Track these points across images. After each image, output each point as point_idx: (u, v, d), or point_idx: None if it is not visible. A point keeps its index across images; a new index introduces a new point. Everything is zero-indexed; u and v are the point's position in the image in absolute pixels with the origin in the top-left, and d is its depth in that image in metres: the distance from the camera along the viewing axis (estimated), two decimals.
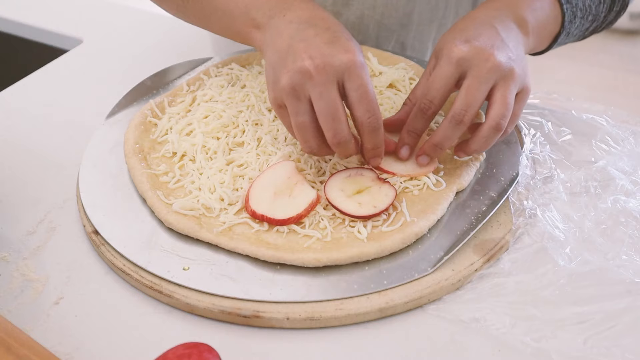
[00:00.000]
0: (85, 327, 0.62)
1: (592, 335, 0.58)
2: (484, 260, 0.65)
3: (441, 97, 0.69)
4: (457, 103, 0.67)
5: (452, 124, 0.68)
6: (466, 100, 0.67)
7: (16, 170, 0.81)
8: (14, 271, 0.67)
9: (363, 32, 1.00)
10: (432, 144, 0.70)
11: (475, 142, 0.70)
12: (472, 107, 0.67)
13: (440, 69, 0.69)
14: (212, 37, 1.10)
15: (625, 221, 0.69)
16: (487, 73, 0.66)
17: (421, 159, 0.72)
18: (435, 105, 0.69)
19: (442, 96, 0.69)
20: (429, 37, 1.02)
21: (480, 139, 0.69)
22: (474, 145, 0.70)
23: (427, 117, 0.70)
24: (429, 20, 1.00)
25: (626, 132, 0.80)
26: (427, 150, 0.71)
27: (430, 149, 0.71)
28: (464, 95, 0.67)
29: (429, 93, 0.69)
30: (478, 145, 0.70)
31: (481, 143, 0.69)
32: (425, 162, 0.72)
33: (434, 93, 0.69)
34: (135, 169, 0.74)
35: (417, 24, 0.99)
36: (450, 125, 0.68)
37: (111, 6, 1.21)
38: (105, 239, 0.68)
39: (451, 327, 0.61)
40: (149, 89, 0.90)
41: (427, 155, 0.71)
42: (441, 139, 0.69)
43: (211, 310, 0.61)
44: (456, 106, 0.67)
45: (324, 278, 0.63)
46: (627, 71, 2.85)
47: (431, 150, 0.71)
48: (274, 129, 0.79)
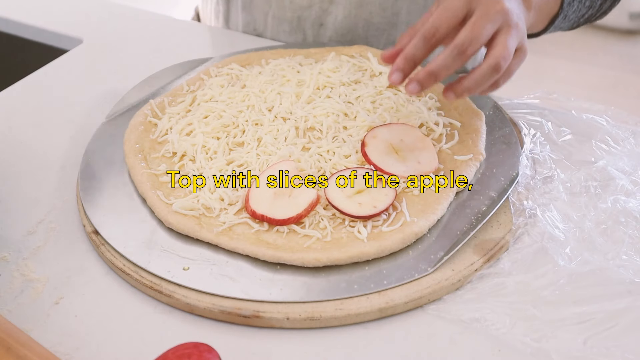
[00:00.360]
0: (85, 327, 0.62)
1: (592, 335, 0.58)
2: (484, 260, 0.65)
3: (446, 28, 0.68)
4: (461, 34, 0.67)
5: (454, 54, 0.67)
6: (471, 33, 0.66)
7: (16, 170, 0.81)
8: (14, 271, 0.67)
9: (352, 31, 1.00)
10: (427, 71, 0.68)
11: (469, 80, 0.68)
12: (476, 40, 0.66)
13: (450, 2, 0.68)
14: (212, 37, 1.10)
15: (625, 221, 0.69)
16: (494, 14, 0.67)
17: (412, 86, 0.69)
18: (439, 33, 0.68)
19: (448, 27, 0.68)
20: None
21: (476, 76, 0.68)
22: (468, 82, 0.68)
23: (429, 45, 0.69)
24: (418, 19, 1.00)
25: (626, 132, 0.80)
26: (421, 78, 0.69)
27: (425, 77, 0.68)
28: (470, 29, 0.66)
29: (434, 21, 0.68)
30: (471, 83, 0.68)
31: (475, 81, 0.68)
32: (416, 91, 0.69)
33: (440, 21, 0.68)
34: (135, 169, 0.74)
35: (406, 23, 1.00)
36: (451, 54, 0.67)
37: (111, 6, 1.21)
38: (105, 239, 0.68)
39: (451, 327, 0.61)
40: (148, 89, 0.90)
41: (420, 83, 0.69)
42: (439, 67, 0.68)
43: (211, 310, 0.61)
44: (460, 37, 0.66)
45: (324, 278, 0.63)
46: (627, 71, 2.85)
47: (425, 78, 0.68)
48: (274, 129, 0.79)
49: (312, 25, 1.01)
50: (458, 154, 0.75)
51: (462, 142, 0.77)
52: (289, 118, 0.81)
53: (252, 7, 1.05)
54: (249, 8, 1.05)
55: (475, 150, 0.75)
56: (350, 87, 0.86)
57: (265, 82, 0.87)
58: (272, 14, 1.03)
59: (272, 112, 0.82)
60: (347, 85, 0.86)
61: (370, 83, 0.87)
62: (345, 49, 0.94)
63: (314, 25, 1.01)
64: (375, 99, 0.83)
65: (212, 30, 1.12)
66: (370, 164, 0.72)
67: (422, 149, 0.75)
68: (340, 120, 0.80)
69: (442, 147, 0.77)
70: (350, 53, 0.93)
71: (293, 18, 1.02)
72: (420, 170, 0.72)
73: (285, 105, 0.83)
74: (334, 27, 1.00)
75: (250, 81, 0.88)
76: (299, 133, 0.79)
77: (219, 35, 1.09)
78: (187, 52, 1.05)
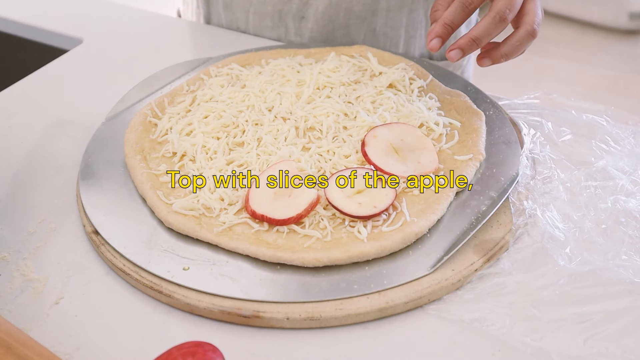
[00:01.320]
0: (85, 327, 0.62)
1: (592, 335, 0.58)
2: (484, 260, 0.65)
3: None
4: (500, 2, 0.70)
5: (495, 20, 0.70)
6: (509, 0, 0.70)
7: (16, 170, 0.81)
8: (14, 271, 0.67)
9: (333, 20, 1.01)
10: (470, 38, 0.72)
11: (508, 45, 0.73)
12: (514, 6, 0.70)
13: None
14: (212, 37, 1.10)
15: (625, 221, 0.69)
16: None
17: (453, 53, 0.73)
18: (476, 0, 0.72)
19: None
20: (401, 24, 1.03)
21: (514, 42, 0.72)
22: (506, 47, 0.73)
23: (467, 11, 0.73)
24: (399, 7, 1.01)
25: (626, 132, 0.80)
26: (462, 45, 0.73)
27: (467, 43, 0.72)
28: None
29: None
30: (510, 49, 0.73)
31: (514, 47, 0.73)
32: (457, 57, 0.73)
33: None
34: (135, 169, 0.74)
35: (386, 10, 1.00)
36: (493, 21, 0.70)
37: (111, 6, 1.21)
38: (105, 239, 0.68)
39: (451, 327, 0.61)
40: (149, 89, 0.90)
41: (462, 49, 0.73)
42: (481, 34, 0.71)
43: (211, 310, 0.61)
44: (500, 4, 0.70)
45: (324, 278, 0.63)
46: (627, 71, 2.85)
47: (467, 45, 0.72)
48: (274, 129, 0.79)
49: (294, 18, 1.02)
50: (458, 154, 0.75)
51: (462, 142, 0.77)
52: (289, 118, 0.81)
53: (232, 6, 1.06)
54: (230, 7, 1.06)
55: (475, 150, 0.75)
56: (350, 87, 0.86)
57: (265, 82, 0.87)
58: (253, 10, 1.04)
59: (272, 112, 0.82)
60: (347, 85, 0.86)
61: (370, 83, 0.87)
62: (346, 48, 0.94)
63: (295, 18, 1.02)
64: (375, 99, 0.83)
65: (214, 30, 1.12)
66: (371, 163, 0.72)
67: (422, 149, 0.75)
68: (340, 120, 0.80)
69: (442, 147, 0.77)
70: (350, 53, 0.93)
71: (274, 13, 1.03)
72: (420, 170, 0.72)
73: (285, 105, 0.83)
74: (315, 18, 1.01)
75: (250, 81, 0.88)
76: (299, 133, 0.79)
77: (220, 35, 1.09)
78: (187, 52, 1.05)
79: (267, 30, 1.06)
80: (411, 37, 1.05)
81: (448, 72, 0.91)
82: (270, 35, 1.06)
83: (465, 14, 0.73)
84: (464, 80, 0.90)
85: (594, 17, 3.08)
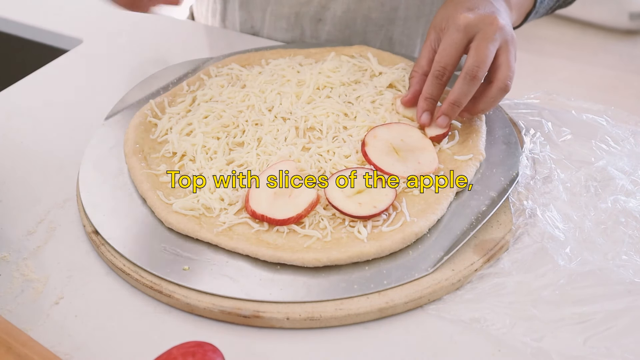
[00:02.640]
0: (85, 327, 0.62)
1: (592, 335, 0.58)
2: (484, 260, 0.65)
3: (453, 63, 0.74)
4: (469, 61, 0.72)
5: (467, 80, 0.72)
6: (477, 57, 0.72)
7: (16, 170, 0.81)
8: (14, 271, 0.67)
9: (350, 26, 1.01)
10: (449, 103, 0.74)
11: (483, 102, 0.75)
12: (484, 63, 0.72)
13: (449, 36, 0.74)
14: (212, 37, 1.10)
15: (625, 221, 0.69)
16: (493, 34, 0.72)
17: (440, 120, 0.75)
18: (448, 71, 0.75)
19: (454, 61, 0.74)
20: (417, 33, 1.03)
21: (488, 99, 0.75)
22: (482, 105, 0.75)
23: (442, 82, 0.75)
24: (417, 16, 1.01)
25: (626, 132, 0.80)
26: (445, 110, 0.75)
27: (448, 108, 0.75)
28: (475, 53, 0.72)
29: (441, 60, 0.74)
30: (486, 105, 0.75)
31: (489, 103, 0.75)
32: (445, 123, 0.75)
33: (446, 59, 0.74)
34: (135, 169, 0.74)
35: (404, 19, 1.01)
36: (465, 81, 0.72)
37: (111, 6, 1.21)
38: (105, 239, 0.68)
39: (451, 327, 0.61)
40: (149, 89, 0.90)
41: (446, 115, 0.75)
42: (458, 96, 0.73)
43: (211, 310, 0.61)
44: (469, 63, 0.72)
45: (324, 278, 0.63)
46: (627, 71, 2.85)
47: (449, 110, 0.75)
48: (274, 129, 0.79)
49: (311, 21, 1.02)
50: (458, 154, 0.75)
51: (462, 142, 0.77)
52: (289, 118, 0.81)
53: (249, 4, 1.05)
54: (247, 6, 1.06)
55: (475, 150, 0.75)
56: (350, 87, 0.86)
57: (265, 82, 0.87)
58: (270, 10, 1.04)
59: (272, 112, 0.82)
60: (347, 85, 0.86)
61: (370, 83, 0.87)
62: (346, 49, 0.94)
63: (312, 21, 1.02)
64: (375, 99, 0.83)
65: (213, 30, 1.12)
66: (371, 163, 0.72)
67: (422, 149, 0.75)
68: (340, 120, 0.80)
69: (442, 147, 0.77)
70: (350, 53, 0.93)
71: (291, 14, 1.03)
72: (420, 170, 0.72)
73: (285, 105, 0.83)
74: (332, 22, 1.01)
75: (250, 81, 0.88)
76: (299, 133, 0.79)
77: (220, 35, 1.09)
78: (187, 52, 1.05)
79: (281, 32, 1.05)
80: None
81: None
82: (284, 37, 1.06)
83: (440, 85, 0.76)
84: None
85: (594, 17, 3.08)
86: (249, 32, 1.08)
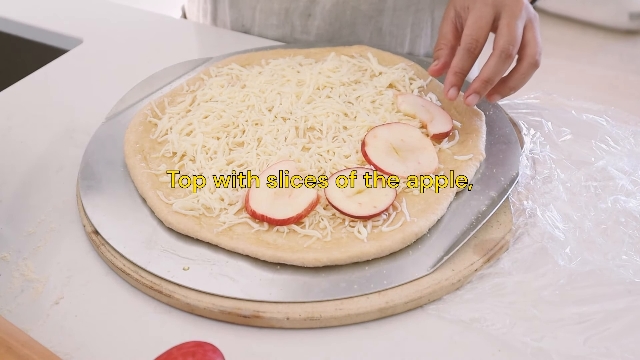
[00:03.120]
0: (85, 327, 0.62)
1: (592, 335, 0.58)
2: (484, 260, 0.65)
3: (484, 36, 0.74)
4: (502, 39, 0.72)
5: (502, 58, 0.72)
6: (510, 35, 0.72)
7: (16, 170, 0.81)
8: (14, 271, 0.67)
9: (340, 19, 1.02)
10: (482, 80, 0.74)
11: (513, 80, 0.75)
12: (516, 41, 0.72)
13: (478, 10, 0.74)
14: (212, 37, 1.10)
15: (625, 221, 0.69)
16: (519, 11, 0.74)
17: (471, 98, 0.75)
18: (480, 44, 0.75)
19: (485, 35, 0.74)
20: (407, 23, 1.04)
21: (519, 75, 0.75)
22: (512, 82, 0.76)
23: (473, 56, 0.75)
24: (406, 6, 1.01)
25: (626, 132, 0.80)
26: (477, 88, 0.75)
27: (480, 86, 0.74)
28: (507, 32, 0.72)
29: (473, 33, 0.74)
30: (516, 82, 0.75)
31: (519, 80, 0.75)
32: (475, 102, 0.75)
33: (479, 32, 0.74)
34: (135, 169, 0.74)
35: (393, 9, 1.01)
36: (500, 59, 0.72)
37: (111, 6, 1.21)
38: (105, 239, 0.68)
39: (451, 327, 0.61)
40: (149, 89, 0.90)
41: (477, 92, 0.75)
42: (491, 74, 0.73)
43: (211, 310, 0.61)
44: (502, 41, 0.72)
45: (324, 278, 0.63)
46: (627, 71, 2.85)
47: (481, 87, 0.74)
48: (274, 129, 0.79)
49: (300, 16, 1.02)
50: (458, 154, 0.75)
51: (462, 142, 0.77)
52: (289, 118, 0.81)
53: (239, 2, 1.06)
54: (237, 4, 1.07)
55: (475, 150, 0.75)
56: (350, 87, 0.86)
57: (265, 82, 0.87)
58: (260, 7, 1.05)
59: (272, 112, 0.82)
60: (347, 85, 0.86)
61: (370, 83, 0.87)
62: (346, 48, 0.95)
63: (302, 16, 1.02)
64: (375, 99, 0.83)
65: (214, 30, 1.12)
66: (371, 163, 0.72)
67: (422, 149, 0.75)
68: (340, 120, 0.80)
69: (442, 147, 0.77)
70: (350, 53, 0.93)
71: (281, 10, 1.03)
72: (420, 170, 0.72)
73: (285, 105, 0.83)
74: (322, 16, 1.01)
75: (250, 81, 0.88)
76: (299, 133, 0.79)
77: (221, 35, 1.09)
78: (187, 52, 1.05)
79: (272, 29, 1.06)
80: (417, 36, 1.05)
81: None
82: (275, 34, 1.06)
83: (472, 58, 0.75)
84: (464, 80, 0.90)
85: (594, 17, 3.08)
86: (239, 31, 1.09)
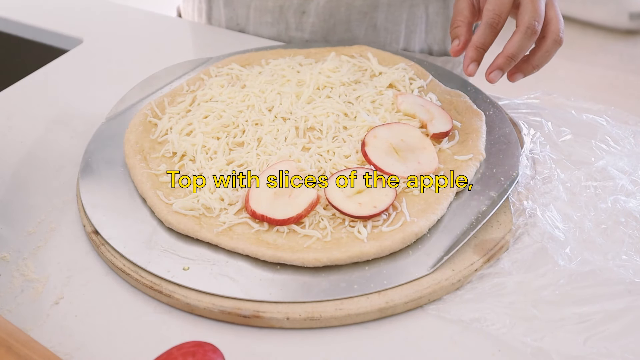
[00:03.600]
0: (85, 327, 0.62)
1: (592, 335, 0.58)
2: (484, 260, 0.65)
3: (507, 12, 0.74)
4: (526, 15, 0.72)
5: (528, 34, 0.72)
6: (535, 12, 0.72)
7: (16, 170, 0.81)
8: (14, 271, 0.67)
9: (334, 14, 1.02)
10: (506, 57, 0.74)
11: (537, 58, 0.75)
12: (540, 17, 0.72)
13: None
14: (212, 37, 1.10)
15: (625, 221, 0.69)
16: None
17: (494, 74, 0.75)
18: (502, 19, 0.74)
19: (507, 10, 0.74)
20: (401, 19, 1.04)
21: (543, 52, 0.75)
22: (536, 60, 0.75)
23: (495, 31, 0.75)
24: (400, 2, 1.02)
25: (626, 132, 0.80)
26: (501, 64, 0.74)
27: (504, 62, 0.74)
28: (532, 8, 0.72)
29: (495, 8, 0.74)
30: (540, 60, 0.75)
31: (543, 57, 0.75)
32: (497, 78, 0.75)
33: (501, 7, 0.74)
34: (135, 169, 0.74)
35: (387, 5, 1.01)
36: (525, 35, 0.72)
37: (111, 6, 1.21)
38: (105, 239, 0.68)
39: (451, 327, 0.61)
40: (149, 89, 0.90)
41: (500, 69, 0.75)
42: (516, 50, 0.73)
43: (211, 310, 0.61)
44: (527, 18, 0.72)
45: (324, 278, 0.63)
46: (627, 71, 2.85)
47: (505, 63, 0.74)
48: (274, 129, 0.79)
49: (295, 13, 1.03)
50: (458, 154, 0.75)
51: (462, 142, 0.77)
52: (289, 118, 0.81)
53: (234, 1, 1.06)
54: (231, 3, 1.07)
55: (475, 150, 0.75)
56: (350, 87, 0.86)
57: (265, 82, 0.87)
58: (254, 6, 1.05)
59: (272, 112, 0.82)
60: (347, 85, 0.86)
61: (370, 83, 0.87)
62: (346, 48, 0.94)
63: (296, 14, 1.03)
64: (375, 99, 0.83)
65: (213, 30, 1.12)
66: (371, 163, 0.72)
67: (422, 149, 0.75)
68: (340, 120, 0.80)
69: (442, 147, 0.77)
70: (350, 53, 0.93)
71: (275, 8, 1.03)
72: (420, 170, 0.72)
73: (285, 105, 0.83)
74: (316, 13, 1.01)
75: (250, 81, 0.88)
76: (299, 133, 0.79)
77: (221, 35, 1.09)
78: (187, 52, 1.05)
79: (267, 27, 1.06)
80: (411, 32, 1.05)
81: (448, 72, 0.91)
82: (270, 32, 1.06)
83: (494, 34, 0.75)
84: (464, 80, 0.90)
85: (594, 17, 3.08)
86: (234, 29, 1.09)
